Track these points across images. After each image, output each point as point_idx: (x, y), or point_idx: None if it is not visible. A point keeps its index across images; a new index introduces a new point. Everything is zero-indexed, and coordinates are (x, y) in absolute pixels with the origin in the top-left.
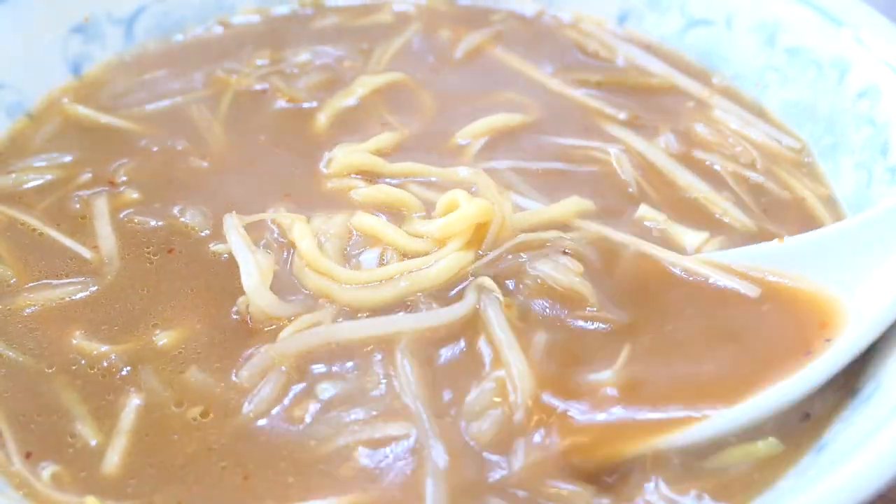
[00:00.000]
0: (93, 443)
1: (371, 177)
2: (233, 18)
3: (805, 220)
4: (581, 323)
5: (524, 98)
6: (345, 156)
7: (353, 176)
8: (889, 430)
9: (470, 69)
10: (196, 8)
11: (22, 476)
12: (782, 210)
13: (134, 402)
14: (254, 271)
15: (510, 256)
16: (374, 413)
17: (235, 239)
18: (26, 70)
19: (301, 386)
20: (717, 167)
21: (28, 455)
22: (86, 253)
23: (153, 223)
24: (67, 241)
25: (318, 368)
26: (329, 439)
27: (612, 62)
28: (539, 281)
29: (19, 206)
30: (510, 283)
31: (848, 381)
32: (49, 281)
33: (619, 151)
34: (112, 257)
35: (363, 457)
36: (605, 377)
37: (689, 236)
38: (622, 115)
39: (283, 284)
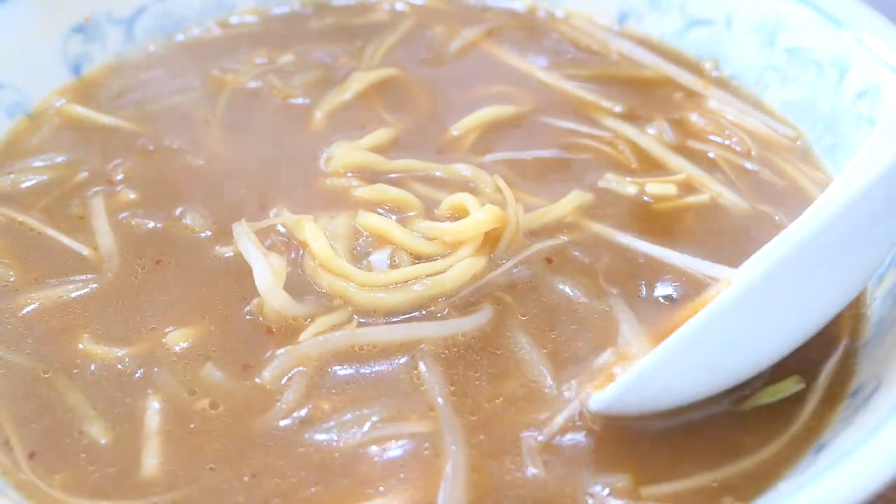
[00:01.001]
0: (102, 441)
1: (370, 174)
2: (231, 19)
3: (801, 205)
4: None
5: (518, 91)
6: (344, 154)
7: (349, 174)
8: (889, 430)
9: (464, 64)
10: (196, 9)
11: (30, 480)
12: (778, 195)
13: (153, 404)
14: (267, 272)
15: (521, 268)
16: (397, 414)
17: (246, 243)
18: (26, 70)
19: (323, 387)
20: (711, 154)
21: (32, 455)
22: (84, 251)
23: (152, 224)
24: (66, 241)
25: (340, 370)
26: (353, 440)
27: (605, 56)
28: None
29: (17, 205)
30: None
31: (848, 381)
32: (48, 280)
33: (612, 138)
34: (111, 255)
35: (385, 457)
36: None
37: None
38: (618, 108)
39: (293, 285)
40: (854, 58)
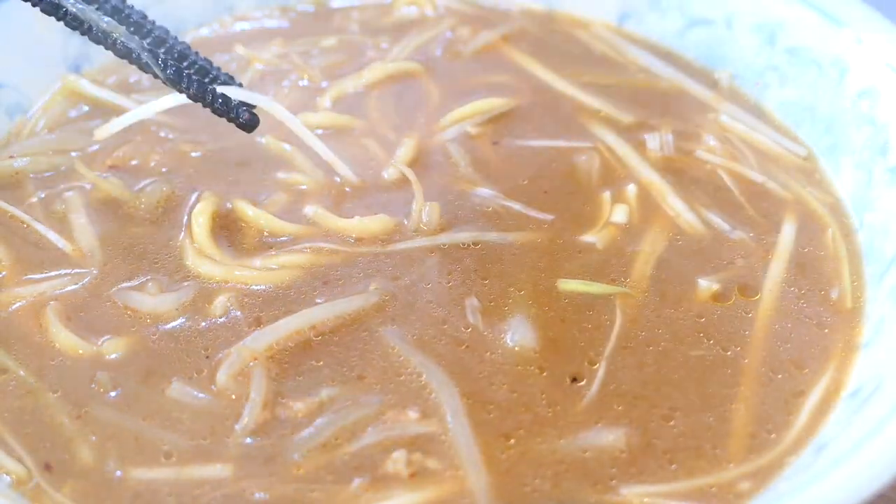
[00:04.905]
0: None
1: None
2: (243, 24)
3: (806, 222)
4: None
5: (520, 93)
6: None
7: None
8: (889, 430)
9: (476, 66)
10: (196, 9)
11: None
12: (782, 212)
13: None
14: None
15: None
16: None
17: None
18: (26, 70)
19: (289, 382)
20: (718, 171)
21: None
22: (65, 246)
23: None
24: (52, 235)
25: (300, 362)
26: (339, 432)
27: (622, 66)
28: None
29: (9, 198)
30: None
31: (848, 382)
32: (33, 276)
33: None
34: (93, 250)
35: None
36: None
37: None
38: (626, 119)
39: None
40: (854, 58)
